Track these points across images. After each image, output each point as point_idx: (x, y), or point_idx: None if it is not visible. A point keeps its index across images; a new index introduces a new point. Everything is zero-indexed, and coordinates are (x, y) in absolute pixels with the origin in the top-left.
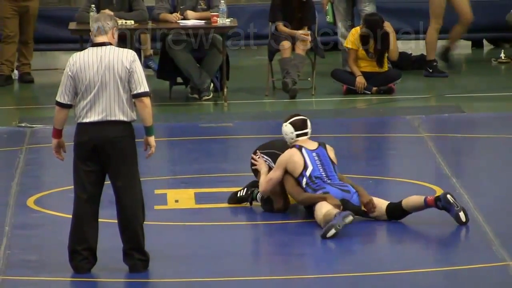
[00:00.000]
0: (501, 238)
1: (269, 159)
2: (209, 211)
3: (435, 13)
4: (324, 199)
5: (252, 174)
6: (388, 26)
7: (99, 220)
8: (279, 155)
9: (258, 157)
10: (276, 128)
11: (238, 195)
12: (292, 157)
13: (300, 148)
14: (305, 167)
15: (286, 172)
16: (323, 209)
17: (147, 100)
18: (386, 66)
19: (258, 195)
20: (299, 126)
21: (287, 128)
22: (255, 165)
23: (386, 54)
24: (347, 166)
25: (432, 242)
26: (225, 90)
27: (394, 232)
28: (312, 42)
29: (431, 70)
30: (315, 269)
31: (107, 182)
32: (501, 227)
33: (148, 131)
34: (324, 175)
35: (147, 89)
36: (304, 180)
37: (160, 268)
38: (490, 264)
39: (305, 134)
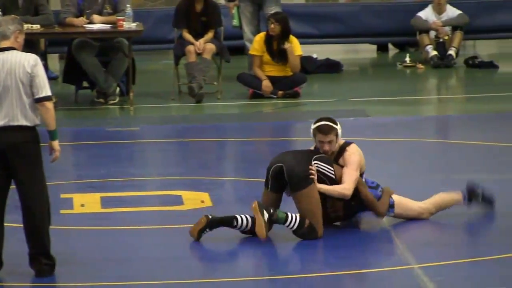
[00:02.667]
0: (406, 242)
1: (325, 164)
2: (115, 215)
3: None
4: (390, 193)
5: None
6: (290, 41)
7: (4, 224)
8: (327, 158)
9: (314, 168)
10: (182, 132)
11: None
12: (361, 153)
13: None
14: None
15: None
16: (417, 203)
17: (49, 105)
18: (291, 70)
19: (297, 222)
20: None
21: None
22: (312, 175)
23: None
24: (253, 170)
25: (340, 245)
26: (131, 94)
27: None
28: (217, 46)
29: None
30: (224, 273)
31: (13, 186)
32: (406, 231)
33: (52, 135)
34: None
35: (49, 93)
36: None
37: (67, 273)
38: (396, 268)
39: None
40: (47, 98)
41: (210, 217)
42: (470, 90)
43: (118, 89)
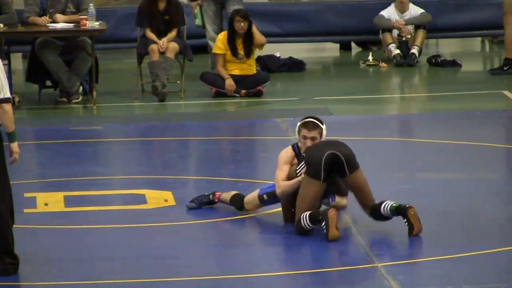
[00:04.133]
0: (369, 241)
1: None
2: (79, 214)
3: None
4: None
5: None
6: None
7: None
8: None
9: None
10: (146, 131)
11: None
12: None
13: None
14: None
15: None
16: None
17: (7, 107)
18: (254, 69)
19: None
20: None
21: None
22: None
23: (254, 56)
24: (217, 169)
25: (303, 244)
26: (94, 93)
27: (264, 235)
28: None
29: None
30: (188, 271)
31: None
32: (369, 229)
33: (11, 137)
34: None
35: (8, 95)
36: None
37: (31, 272)
38: (359, 266)
39: None
40: (5, 100)
41: None
42: (433, 88)
43: (81, 88)
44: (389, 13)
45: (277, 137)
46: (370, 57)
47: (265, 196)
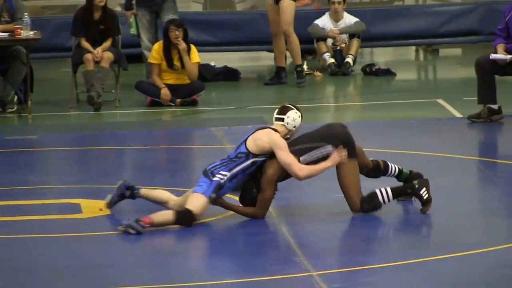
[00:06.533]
0: (304, 249)
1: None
2: (13, 223)
3: (292, 20)
4: None
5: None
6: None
7: None
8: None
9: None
10: (81, 140)
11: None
12: None
13: None
14: None
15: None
16: None
17: None
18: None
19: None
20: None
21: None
22: None
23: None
24: (152, 177)
25: (238, 252)
26: (29, 102)
27: (200, 244)
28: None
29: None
30: (124, 280)
31: None
32: (305, 238)
33: None
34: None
35: None
36: None
37: None
38: (294, 275)
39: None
40: None
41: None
42: (367, 97)
43: (16, 97)
44: (324, 22)
45: (213, 145)
46: (305, 66)
47: (213, 195)
